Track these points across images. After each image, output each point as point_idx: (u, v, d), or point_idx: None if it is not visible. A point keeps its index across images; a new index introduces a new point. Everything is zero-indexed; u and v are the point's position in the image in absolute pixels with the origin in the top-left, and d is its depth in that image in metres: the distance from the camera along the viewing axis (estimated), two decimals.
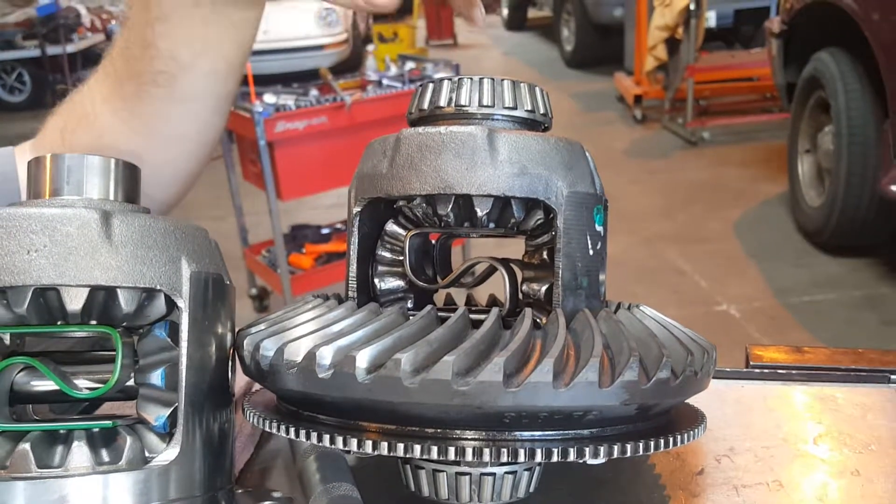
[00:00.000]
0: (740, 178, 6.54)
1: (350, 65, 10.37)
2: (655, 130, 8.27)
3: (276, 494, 0.67)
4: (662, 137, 8.00)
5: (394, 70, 4.77)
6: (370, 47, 7.10)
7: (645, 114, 8.55)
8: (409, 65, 4.81)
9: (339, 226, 5.07)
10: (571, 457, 0.55)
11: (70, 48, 10.92)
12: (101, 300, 0.58)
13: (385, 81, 4.54)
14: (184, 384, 0.58)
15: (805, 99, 5.33)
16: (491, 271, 0.77)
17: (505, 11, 17.01)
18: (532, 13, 16.65)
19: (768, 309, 4.50)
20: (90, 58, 11.94)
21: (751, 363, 0.94)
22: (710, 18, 8.22)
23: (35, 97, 12.00)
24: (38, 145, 1.01)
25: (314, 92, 4.37)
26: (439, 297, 0.79)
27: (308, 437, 0.58)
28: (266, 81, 4.77)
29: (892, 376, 0.89)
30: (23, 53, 11.86)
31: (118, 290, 0.57)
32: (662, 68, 8.08)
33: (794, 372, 0.91)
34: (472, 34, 16.18)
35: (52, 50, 10.83)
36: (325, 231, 5.00)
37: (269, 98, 4.14)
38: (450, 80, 0.70)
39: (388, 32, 10.99)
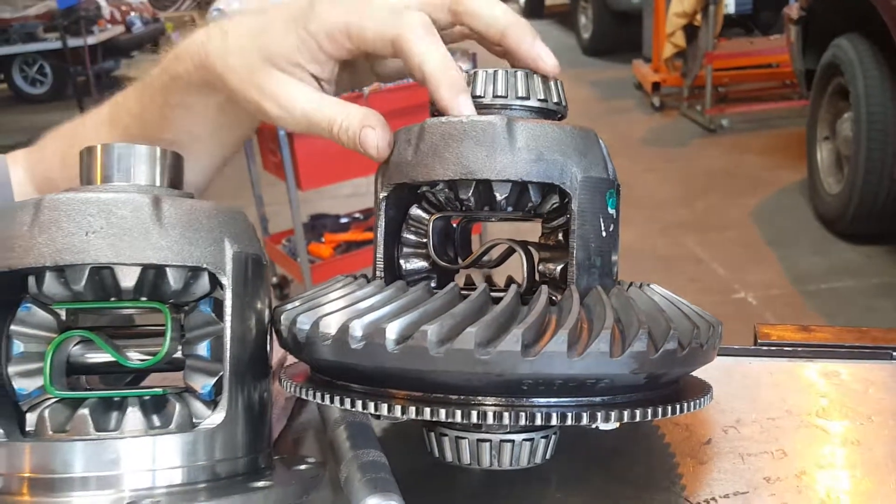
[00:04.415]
0: (759, 166, 6.52)
1: None
2: (674, 118, 8.25)
3: (310, 459, 0.73)
4: (681, 125, 7.98)
5: None
6: None
7: (663, 101, 8.52)
8: None
9: (357, 215, 5.12)
10: (584, 420, 0.60)
11: (91, 40, 11.02)
12: (152, 278, 0.64)
13: None
14: (228, 355, 0.63)
15: (824, 86, 5.31)
16: (509, 253, 0.81)
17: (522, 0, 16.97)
18: (549, 0, 16.59)
19: (786, 296, 4.51)
20: (110, 49, 12.08)
21: (759, 341, 0.98)
22: (729, 5, 8.17)
23: (56, 89, 12.17)
24: (35, 161, 1.04)
25: None
26: (460, 279, 0.84)
27: (342, 402, 0.63)
28: None
29: (895, 353, 0.93)
30: (44, 45, 12.02)
31: (167, 269, 0.63)
32: (681, 55, 8.05)
33: (800, 349, 0.95)
34: None
35: (73, 42, 10.95)
36: (343, 220, 5.05)
37: None
38: (466, 72, 0.74)
39: None
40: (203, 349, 0.65)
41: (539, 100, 0.73)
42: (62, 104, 10.80)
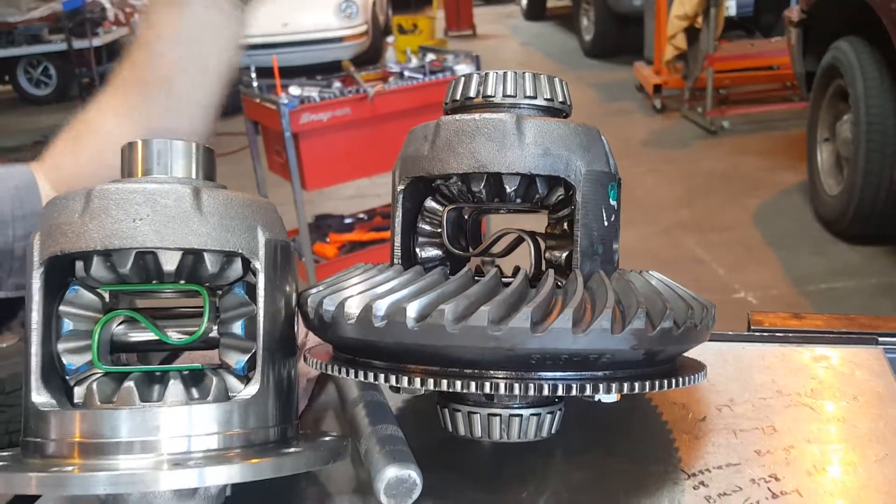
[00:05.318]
0: (759, 167, 6.57)
1: (369, 56, 10.46)
2: (675, 120, 8.30)
3: (332, 434, 0.78)
4: (682, 127, 8.03)
5: (414, 62, 4.85)
6: (390, 39, 7.19)
7: (664, 103, 8.57)
8: (430, 56, 4.89)
9: (361, 216, 5.19)
10: (587, 392, 0.65)
11: (96, 42, 11.10)
12: (191, 263, 0.69)
13: (406, 73, 4.62)
14: (261, 333, 0.68)
15: (824, 88, 5.36)
16: (517, 242, 0.87)
17: (524, 1, 17.02)
18: (551, 3, 16.65)
19: (786, 297, 4.56)
20: (115, 51, 12.14)
21: (752, 327, 1.03)
22: (730, 7, 8.21)
23: (60, 90, 12.22)
24: (47, 157, 1.17)
25: (337, 84, 4.48)
26: (471, 267, 0.89)
27: (365, 377, 0.68)
28: (291, 74, 4.88)
29: (880, 338, 0.99)
30: (49, 48, 12.09)
31: (205, 254, 0.68)
32: (682, 58, 8.10)
33: (791, 335, 1.01)
34: (492, 24, 16.20)
35: (78, 44, 11.02)
36: (348, 221, 5.12)
37: (294, 90, 4.24)
38: (478, 74, 0.80)
39: (408, 24, 11.07)
40: (238, 328, 0.71)
41: (546, 99, 0.78)
42: (66, 106, 10.87)
